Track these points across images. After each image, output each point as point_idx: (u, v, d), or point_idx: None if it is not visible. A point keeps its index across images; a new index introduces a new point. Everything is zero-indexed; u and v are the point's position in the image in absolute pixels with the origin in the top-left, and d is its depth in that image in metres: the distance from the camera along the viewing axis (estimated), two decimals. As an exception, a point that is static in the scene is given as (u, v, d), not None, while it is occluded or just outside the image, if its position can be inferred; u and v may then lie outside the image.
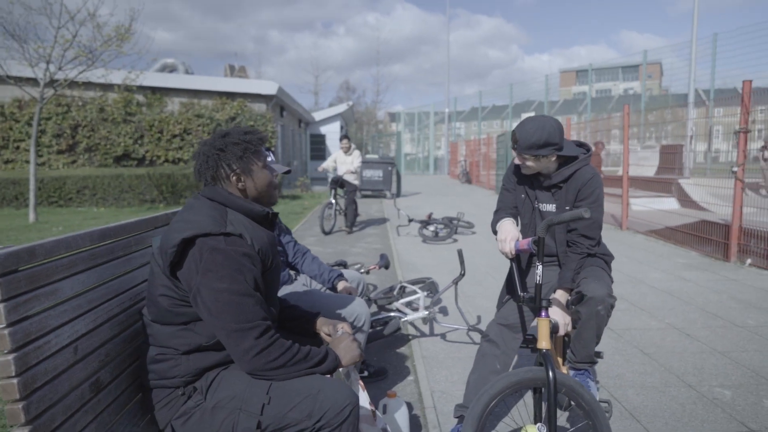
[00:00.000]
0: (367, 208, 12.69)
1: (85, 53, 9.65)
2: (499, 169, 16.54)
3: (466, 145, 24.11)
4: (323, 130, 24.83)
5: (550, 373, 1.81)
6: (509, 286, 2.42)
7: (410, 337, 3.72)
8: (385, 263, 4.02)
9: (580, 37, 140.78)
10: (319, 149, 24.78)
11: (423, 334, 3.78)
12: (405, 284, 4.13)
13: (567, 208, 2.25)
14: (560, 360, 2.38)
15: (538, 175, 2.31)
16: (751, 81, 5.92)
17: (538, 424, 1.86)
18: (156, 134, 15.22)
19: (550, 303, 1.92)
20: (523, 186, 2.37)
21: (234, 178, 1.68)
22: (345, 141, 8.96)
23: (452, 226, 7.98)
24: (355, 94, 53.52)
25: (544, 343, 1.90)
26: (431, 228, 7.98)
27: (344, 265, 4.02)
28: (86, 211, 12.31)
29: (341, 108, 25.42)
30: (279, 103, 17.38)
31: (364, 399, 1.89)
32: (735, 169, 6.06)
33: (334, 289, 2.84)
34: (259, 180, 1.72)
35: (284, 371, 1.54)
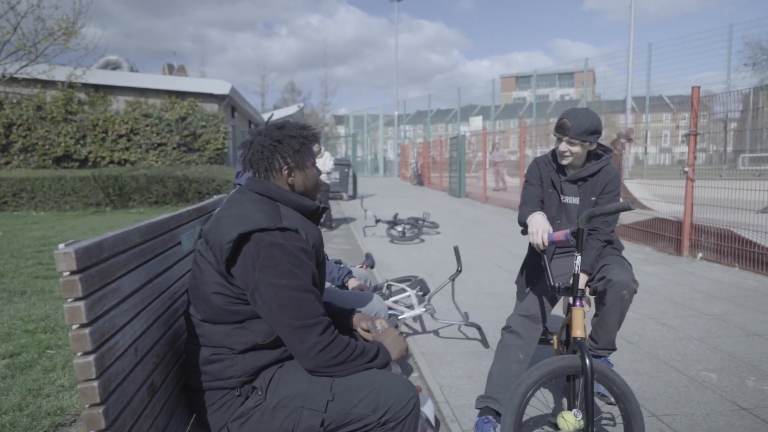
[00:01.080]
0: (325, 209, 12.60)
1: (27, 47, 9.06)
2: (452, 172, 16.85)
3: (417, 148, 24.40)
4: (273, 131, 24.39)
5: (587, 361, 1.87)
6: (529, 279, 2.49)
7: (404, 334, 3.74)
8: (371, 263, 4.03)
9: (517, 44, 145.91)
10: (269, 151, 24.27)
11: (416, 332, 3.81)
12: (391, 282, 4.14)
13: (593, 198, 2.36)
14: None
15: (566, 169, 2.41)
16: (699, 87, 6.34)
17: (574, 410, 1.92)
18: (100, 134, 14.47)
19: (583, 293, 2.00)
20: (550, 180, 2.46)
21: (286, 171, 1.64)
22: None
23: (419, 226, 8.07)
24: (300, 96, 52.89)
25: (578, 331, 1.97)
26: (398, 228, 8.04)
27: (340, 263, 3.99)
28: (25, 215, 11.52)
29: (292, 110, 25.10)
30: (231, 104, 16.96)
31: None
32: (686, 169, 6.48)
33: (344, 286, 2.82)
34: (309, 176, 1.70)
35: (344, 367, 1.52)
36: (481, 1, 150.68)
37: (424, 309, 3.52)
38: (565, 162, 2.39)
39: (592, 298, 2.37)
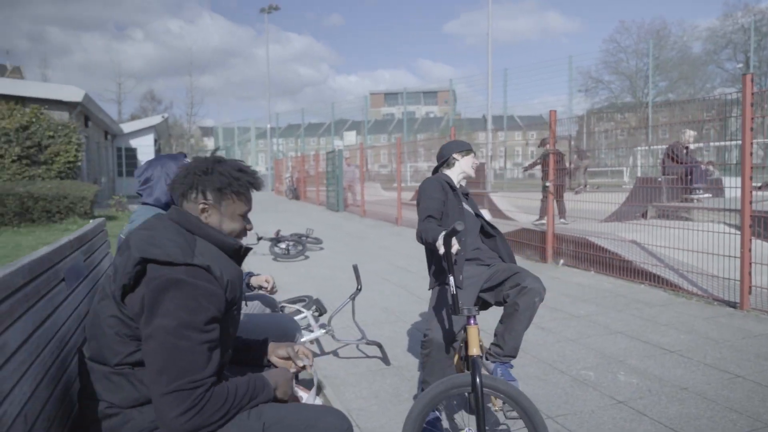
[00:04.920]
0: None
1: None
2: (329, 186, 16.88)
3: (292, 162, 24.13)
4: (134, 143, 22.51)
5: (477, 379, 1.83)
6: (443, 289, 2.57)
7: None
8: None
9: (384, 62, 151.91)
10: (130, 164, 22.35)
11: (315, 354, 3.70)
12: (284, 304, 3.99)
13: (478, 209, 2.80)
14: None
15: (454, 185, 2.71)
16: (555, 111, 7.08)
17: (466, 428, 1.95)
18: None
19: (478, 311, 2.05)
20: (454, 194, 2.65)
21: (201, 206, 1.51)
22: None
23: (303, 242, 7.93)
24: (162, 105, 49.47)
25: (475, 349, 1.96)
26: (282, 245, 7.82)
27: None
28: None
29: (155, 120, 23.38)
30: (84, 112, 15.31)
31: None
32: (548, 184, 7.17)
33: (249, 287, 2.73)
34: (226, 224, 1.55)
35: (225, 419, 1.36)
36: (349, 18, 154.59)
37: (324, 331, 3.43)
38: (474, 174, 2.80)
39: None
